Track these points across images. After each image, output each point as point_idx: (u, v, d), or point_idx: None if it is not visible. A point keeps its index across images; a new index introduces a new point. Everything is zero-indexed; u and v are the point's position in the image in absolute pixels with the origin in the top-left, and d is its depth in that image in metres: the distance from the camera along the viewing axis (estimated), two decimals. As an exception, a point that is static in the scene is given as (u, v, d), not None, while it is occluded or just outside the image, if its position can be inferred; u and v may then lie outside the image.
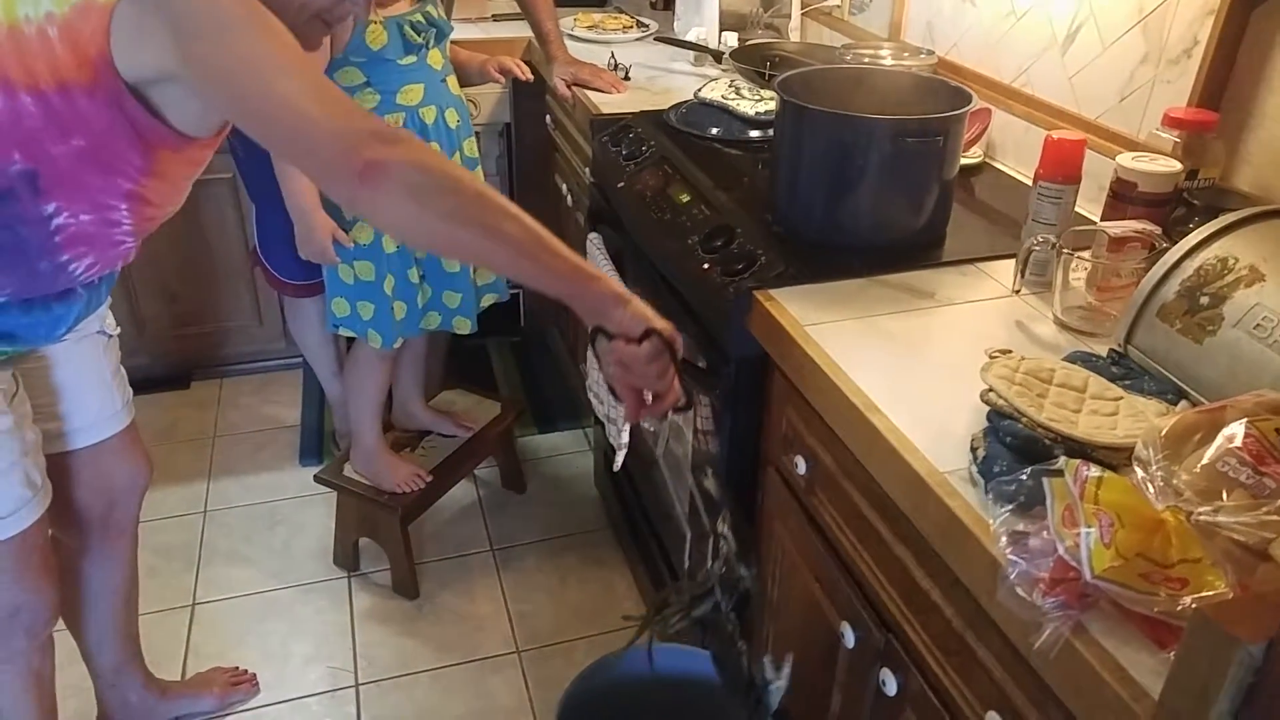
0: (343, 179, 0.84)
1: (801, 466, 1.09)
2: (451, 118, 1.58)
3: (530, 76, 1.87)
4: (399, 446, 1.93)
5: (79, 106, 0.91)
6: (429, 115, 1.54)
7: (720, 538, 1.00)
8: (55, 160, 0.94)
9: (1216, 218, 0.95)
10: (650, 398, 0.96)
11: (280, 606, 1.87)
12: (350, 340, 1.90)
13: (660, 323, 0.91)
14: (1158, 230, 1.06)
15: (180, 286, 2.38)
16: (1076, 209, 1.19)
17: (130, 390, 1.36)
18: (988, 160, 1.57)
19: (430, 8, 1.54)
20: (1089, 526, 0.64)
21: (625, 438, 1.49)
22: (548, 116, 2.26)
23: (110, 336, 1.31)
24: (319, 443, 2.30)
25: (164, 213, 1.09)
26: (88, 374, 1.27)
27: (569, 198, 2.12)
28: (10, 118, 0.91)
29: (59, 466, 1.24)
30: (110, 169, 0.97)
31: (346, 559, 1.95)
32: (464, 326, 1.73)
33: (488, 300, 1.77)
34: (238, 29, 0.84)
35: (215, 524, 2.08)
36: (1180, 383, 0.89)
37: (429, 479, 1.86)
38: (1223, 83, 1.18)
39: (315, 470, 2.03)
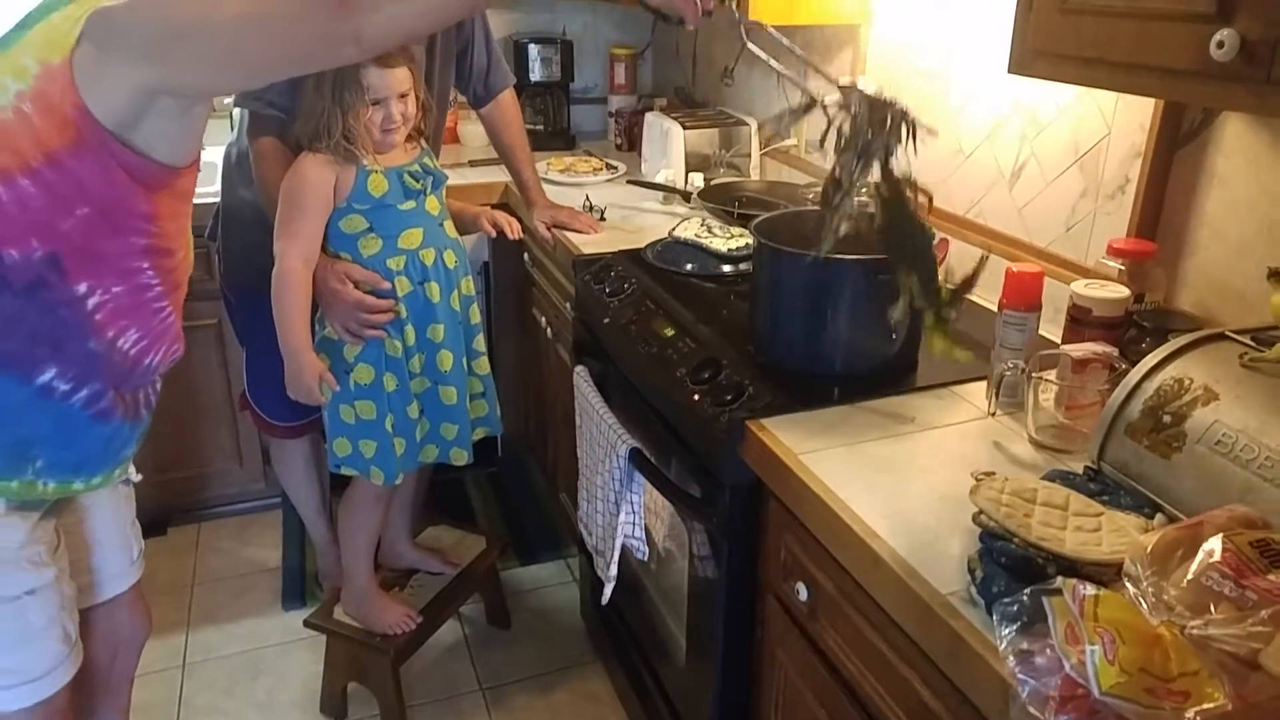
0: (333, 26, 0.90)
1: (803, 593, 1.12)
2: (450, 258, 1.66)
3: (521, 236, 1.96)
4: (387, 586, 1.90)
5: (70, 171, 0.94)
6: (428, 257, 1.62)
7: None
8: (70, 237, 0.97)
9: (1165, 338, 1.04)
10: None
11: (264, 763, 1.81)
12: (336, 481, 1.90)
13: None
14: (1114, 351, 1.15)
15: (161, 431, 2.35)
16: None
17: (143, 541, 1.36)
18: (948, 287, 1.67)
19: (427, 159, 1.64)
20: (1092, 644, 0.68)
21: (614, 570, 1.50)
22: (525, 255, 2.36)
23: (131, 485, 1.31)
24: (301, 585, 2.26)
25: (181, 261, 1.13)
26: (115, 525, 1.28)
27: (549, 330, 2.19)
28: (17, 207, 0.94)
29: (80, 621, 1.22)
30: (121, 228, 1.01)
31: (334, 707, 1.89)
32: (460, 458, 1.75)
33: (479, 434, 1.80)
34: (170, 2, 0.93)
35: (195, 678, 2.01)
36: (1154, 496, 0.94)
37: (420, 619, 1.83)
38: (1156, 215, 1.29)
39: (298, 614, 2.00)
